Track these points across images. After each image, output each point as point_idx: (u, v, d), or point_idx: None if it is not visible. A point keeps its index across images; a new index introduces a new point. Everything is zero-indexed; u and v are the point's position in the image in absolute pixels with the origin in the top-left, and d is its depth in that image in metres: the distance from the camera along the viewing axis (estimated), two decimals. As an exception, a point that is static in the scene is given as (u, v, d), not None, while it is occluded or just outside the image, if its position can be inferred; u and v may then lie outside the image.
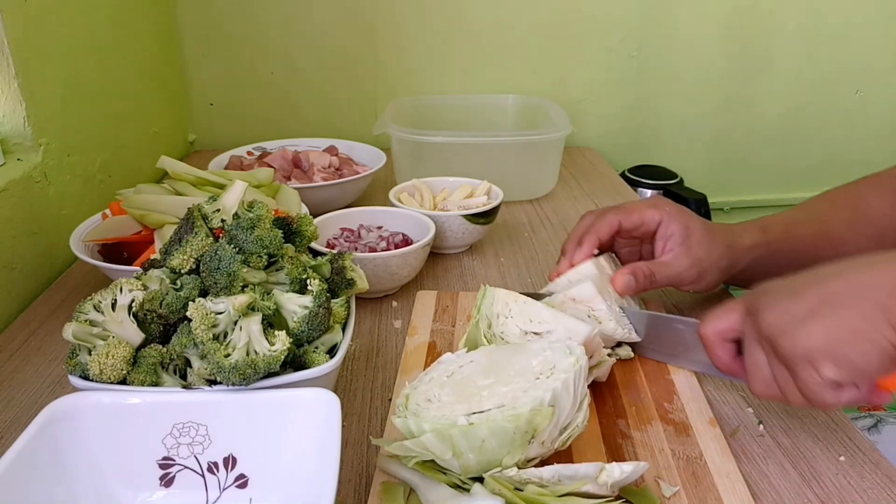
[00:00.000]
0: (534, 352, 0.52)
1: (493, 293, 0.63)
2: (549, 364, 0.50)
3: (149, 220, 0.76)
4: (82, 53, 0.98)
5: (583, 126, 1.46)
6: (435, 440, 0.45)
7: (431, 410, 0.48)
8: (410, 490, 0.49)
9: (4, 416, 0.61)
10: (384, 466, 0.51)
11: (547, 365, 0.50)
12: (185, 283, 0.52)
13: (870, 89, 1.52)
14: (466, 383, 0.50)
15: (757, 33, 1.45)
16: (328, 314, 0.53)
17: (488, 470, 0.46)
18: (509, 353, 0.53)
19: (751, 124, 1.53)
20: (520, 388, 0.48)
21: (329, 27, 1.37)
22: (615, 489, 0.47)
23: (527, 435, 0.45)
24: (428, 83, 1.43)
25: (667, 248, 0.69)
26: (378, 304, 0.79)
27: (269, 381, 0.49)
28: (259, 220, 0.53)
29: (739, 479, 0.51)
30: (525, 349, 0.53)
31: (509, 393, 0.48)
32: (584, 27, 1.41)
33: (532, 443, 0.46)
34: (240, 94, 1.42)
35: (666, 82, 1.48)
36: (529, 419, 0.45)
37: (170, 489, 0.47)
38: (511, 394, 0.47)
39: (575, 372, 0.48)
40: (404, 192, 0.96)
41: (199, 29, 1.36)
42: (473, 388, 0.49)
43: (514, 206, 1.11)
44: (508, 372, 0.50)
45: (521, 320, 0.61)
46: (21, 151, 0.86)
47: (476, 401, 0.48)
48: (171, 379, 0.50)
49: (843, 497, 0.51)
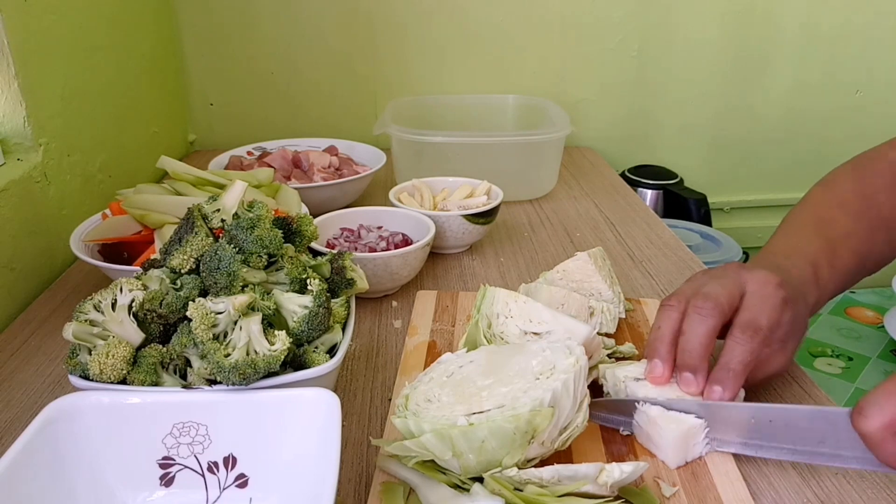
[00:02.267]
0: (533, 352, 0.52)
1: (493, 293, 0.63)
2: (548, 364, 0.50)
3: (149, 220, 0.76)
4: (82, 53, 0.98)
5: (583, 126, 1.47)
6: (435, 440, 0.45)
7: (431, 411, 0.48)
8: (410, 490, 0.49)
9: (4, 416, 0.61)
10: (384, 466, 0.51)
11: (547, 365, 0.50)
12: (185, 283, 0.52)
13: (870, 89, 1.52)
14: (466, 383, 0.50)
15: (757, 33, 1.45)
16: (328, 314, 0.53)
17: (488, 470, 0.46)
18: (509, 354, 0.53)
19: (751, 124, 1.54)
20: (520, 389, 0.48)
21: (329, 27, 1.37)
22: (615, 489, 0.47)
23: (526, 435, 0.45)
24: (428, 83, 1.43)
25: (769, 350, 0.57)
26: (378, 304, 0.79)
27: (269, 380, 0.49)
28: (259, 220, 0.53)
29: (739, 479, 0.51)
30: (525, 349, 0.53)
31: (509, 393, 0.48)
32: (584, 27, 1.41)
33: (532, 443, 0.46)
34: (240, 94, 1.42)
35: (666, 82, 1.48)
36: (529, 420, 0.45)
37: (170, 489, 0.47)
38: (511, 394, 0.47)
39: (575, 372, 0.48)
40: (404, 192, 0.96)
41: (199, 29, 1.36)
42: (473, 388, 0.49)
43: (514, 206, 1.11)
44: (508, 372, 0.50)
45: (521, 320, 0.61)
46: (21, 151, 0.86)
47: (476, 401, 0.48)
48: (171, 379, 0.50)
49: (843, 497, 0.51)
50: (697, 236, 1.40)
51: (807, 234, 0.66)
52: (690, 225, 1.38)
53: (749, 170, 1.58)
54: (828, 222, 0.67)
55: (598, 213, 1.09)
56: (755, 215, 1.62)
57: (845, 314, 1.35)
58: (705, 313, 0.55)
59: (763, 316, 0.55)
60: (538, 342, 0.54)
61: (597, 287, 0.73)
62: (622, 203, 1.14)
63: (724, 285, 0.57)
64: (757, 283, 0.57)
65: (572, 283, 0.73)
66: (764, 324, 0.54)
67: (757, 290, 0.56)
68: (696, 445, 0.52)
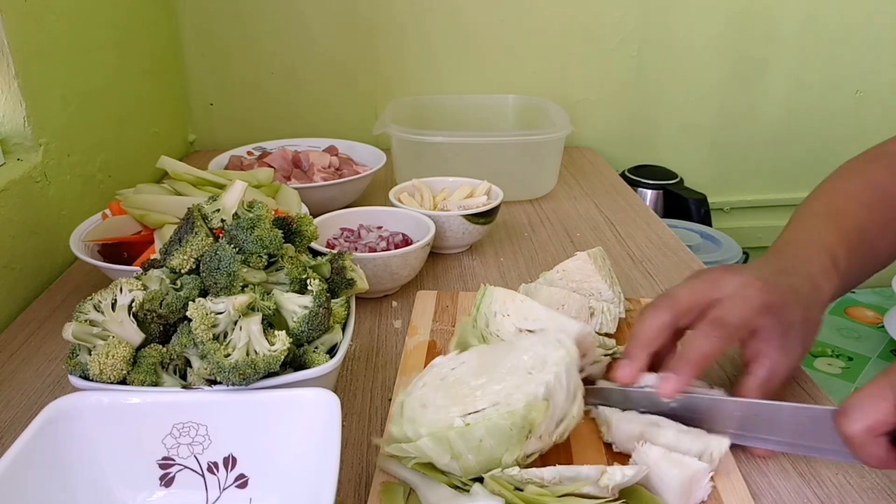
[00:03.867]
0: (524, 348, 0.52)
1: (492, 292, 0.63)
2: (540, 359, 0.50)
3: (149, 220, 0.76)
4: (82, 53, 0.98)
5: (583, 126, 1.46)
6: (432, 444, 0.45)
7: (427, 415, 0.48)
8: (410, 490, 0.49)
9: (4, 416, 0.61)
10: (384, 466, 0.51)
11: (538, 360, 0.50)
12: (185, 283, 0.52)
13: (870, 89, 1.52)
14: (459, 385, 0.50)
15: (757, 33, 1.45)
16: (328, 314, 0.53)
17: (489, 469, 0.46)
18: (500, 352, 0.53)
19: (751, 124, 1.53)
20: (513, 385, 0.48)
21: (329, 27, 1.37)
22: (615, 491, 0.47)
23: (523, 430, 0.45)
24: (428, 83, 1.43)
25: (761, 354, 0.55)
26: (378, 304, 0.79)
27: (269, 381, 0.49)
28: (259, 220, 0.53)
29: (739, 479, 0.51)
30: (515, 346, 0.53)
31: (503, 391, 0.48)
32: (584, 27, 1.41)
33: (530, 438, 0.46)
34: (240, 95, 1.42)
35: (666, 82, 1.48)
36: (525, 415, 0.45)
37: (170, 489, 0.47)
38: (504, 391, 0.47)
39: (567, 364, 0.48)
40: (404, 192, 0.96)
41: (199, 29, 1.36)
42: (466, 389, 0.49)
43: (514, 206, 1.11)
44: (500, 370, 0.50)
45: (517, 318, 0.61)
46: (21, 151, 0.86)
47: (470, 401, 0.48)
48: (171, 379, 0.50)
49: (843, 497, 0.51)
50: (697, 236, 1.40)
51: (821, 224, 0.64)
52: (690, 225, 1.38)
53: (749, 170, 1.58)
54: (843, 213, 0.65)
55: (598, 213, 1.09)
56: (755, 215, 1.62)
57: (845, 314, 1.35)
58: (717, 335, 0.53)
59: (734, 315, 0.54)
60: (528, 338, 0.54)
61: (597, 287, 0.73)
62: (622, 203, 1.14)
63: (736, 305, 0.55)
64: (738, 286, 0.55)
65: (572, 283, 0.73)
66: (732, 321, 0.54)
67: (738, 291, 0.55)
68: (699, 490, 0.49)
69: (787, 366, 0.56)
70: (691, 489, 0.48)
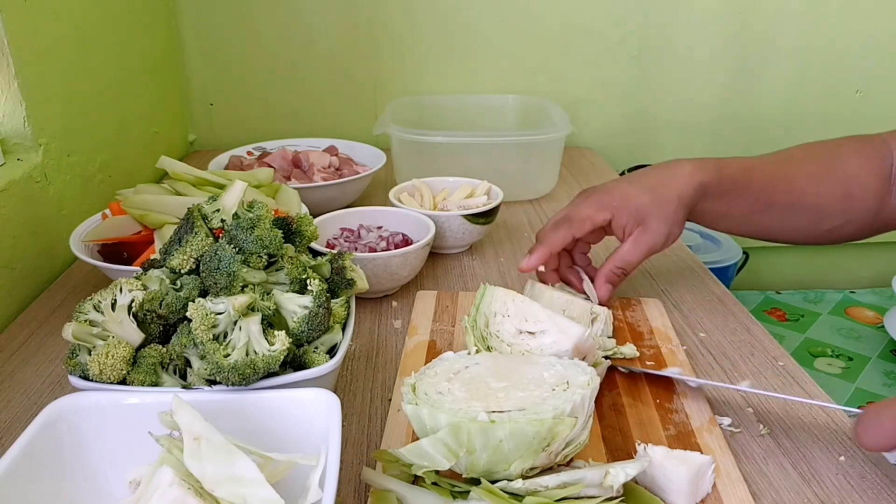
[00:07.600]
0: (544, 364, 0.52)
1: (493, 292, 0.63)
2: (562, 378, 0.50)
3: (149, 220, 0.76)
4: (82, 53, 0.98)
5: (583, 126, 1.46)
6: (450, 435, 0.44)
7: (446, 403, 0.47)
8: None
9: (4, 416, 0.61)
10: (368, 479, 0.50)
11: (560, 378, 0.50)
12: (185, 283, 0.52)
13: (870, 89, 1.52)
14: (477, 383, 0.50)
15: (757, 34, 1.45)
16: (328, 314, 0.53)
17: (494, 472, 0.45)
18: (518, 362, 0.53)
19: (751, 124, 1.53)
20: (538, 396, 0.48)
21: (329, 27, 1.37)
22: (620, 489, 0.47)
23: (544, 441, 0.45)
24: (428, 83, 1.43)
25: (626, 235, 0.72)
26: (378, 304, 0.79)
27: (268, 381, 0.49)
28: (259, 220, 0.53)
29: (739, 479, 0.51)
30: (533, 360, 0.53)
31: (527, 398, 0.47)
32: (584, 27, 1.41)
33: (545, 451, 0.46)
34: (240, 94, 1.42)
35: (666, 83, 1.48)
36: (552, 426, 0.44)
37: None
38: (531, 399, 0.47)
39: (591, 390, 0.48)
40: (404, 192, 0.96)
41: (199, 29, 1.36)
42: (486, 388, 0.49)
43: (514, 206, 1.11)
44: (522, 379, 0.50)
45: (518, 319, 0.61)
46: (21, 151, 0.86)
47: (493, 401, 0.47)
48: (171, 379, 0.50)
49: (843, 497, 0.51)
50: (697, 236, 1.40)
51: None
52: (690, 225, 1.38)
53: (749, 170, 1.58)
54: (785, 157, 0.76)
55: (598, 213, 1.09)
56: (755, 215, 1.62)
57: (845, 314, 1.35)
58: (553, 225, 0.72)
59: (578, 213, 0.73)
60: (548, 357, 0.54)
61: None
62: (622, 203, 1.14)
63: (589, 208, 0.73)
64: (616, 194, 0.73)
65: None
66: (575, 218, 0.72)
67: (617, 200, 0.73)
68: (705, 483, 0.50)
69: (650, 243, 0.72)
70: (698, 484, 0.49)
